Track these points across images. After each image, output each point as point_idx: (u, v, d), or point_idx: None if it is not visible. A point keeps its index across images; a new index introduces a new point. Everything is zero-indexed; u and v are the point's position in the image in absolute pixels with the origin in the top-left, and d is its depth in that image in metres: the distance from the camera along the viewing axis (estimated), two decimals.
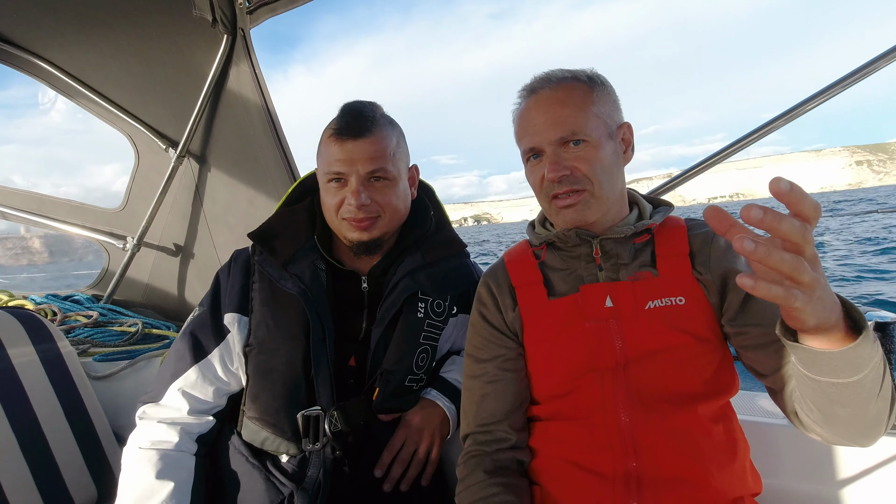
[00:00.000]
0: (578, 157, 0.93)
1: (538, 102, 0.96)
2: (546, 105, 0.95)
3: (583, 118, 0.93)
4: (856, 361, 0.65)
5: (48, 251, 3.13)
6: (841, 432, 0.77)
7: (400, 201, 1.16)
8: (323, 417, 1.11)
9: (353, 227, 1.13)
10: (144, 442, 1.09)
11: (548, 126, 0.94)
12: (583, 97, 0.95)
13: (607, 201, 0.96)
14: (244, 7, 1.81)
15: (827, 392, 0.70)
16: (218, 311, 1.19)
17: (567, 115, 0.93)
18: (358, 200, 1.09)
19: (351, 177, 1.10)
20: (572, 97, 0.94)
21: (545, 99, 0.96)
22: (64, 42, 2.01)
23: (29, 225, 2.41)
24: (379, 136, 1.11)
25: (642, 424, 0.90)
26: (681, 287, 0.93)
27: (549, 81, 0.97)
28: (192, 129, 2.05)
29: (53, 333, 1.47)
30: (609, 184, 0.95)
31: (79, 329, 2.00)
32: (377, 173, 1.11)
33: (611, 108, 0.97)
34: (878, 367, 0.68)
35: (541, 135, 0.95)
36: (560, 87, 0.96)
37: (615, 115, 0.98)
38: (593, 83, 0.97)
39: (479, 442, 1.01)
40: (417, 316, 1.19)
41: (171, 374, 1.15)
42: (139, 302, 2.45)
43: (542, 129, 0.94)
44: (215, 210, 2.23)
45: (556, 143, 0.94)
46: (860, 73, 1.37)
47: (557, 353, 0.97)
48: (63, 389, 1.43)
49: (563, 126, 0.92)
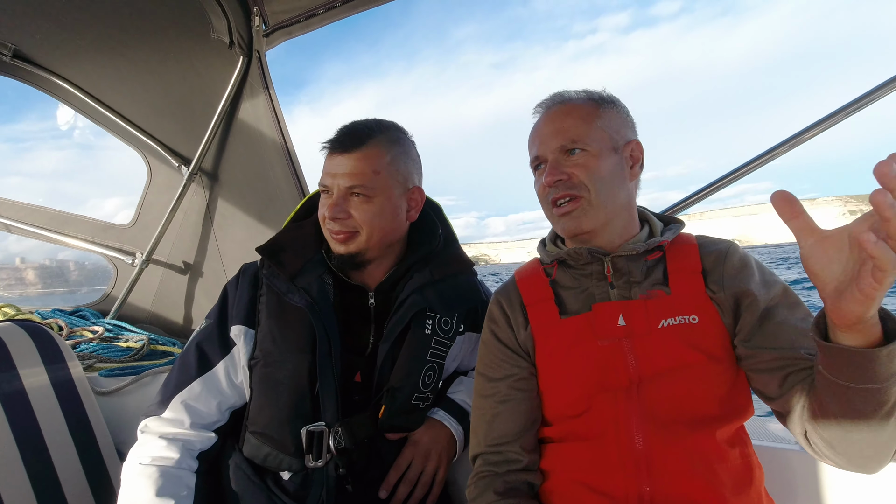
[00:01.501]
0: (576, 165, 0.96)
1: (547, 116, 1.01)
2: (552, 117, 1.00)
3: (584, 129, 0.96)
4: (887, 364, 0.65)
5: (48, 279, 3.14)
6: (853, 453, 0.76)
7: (384, 219, 1.14)
8: (327, 433, 1.10)
9: (332, 238, 1.15)
10: (145, 458, 1.07)
11: (550, 135, 0.98)
12: (588, 111, 0.98)
13: (605, 211, 0.96)
14: (261, 30, 1.86)
15: (852, 401, 0.70)
16: (225, 324, 1.18)
17: (569, 126, 0.97)
18: (331, 212, 1.12)
19: (333, 190, 1.13)
20: (577, 110, 0.98)
21: (553, 112, 1.01)
22: (84, 62, 2.07)
23: (39, 240, 2.43)
24: (367, 153, 1.11)
25: (657, 446, 0.88)
26: (694, 305, 0.92)
27: (560, 97, 1.02)
28: (205, 147, 2.09)
29: (61, 347, 1.47)
30: (607, 194, 0.96)
31: (85, 344, 1.99)
32: (356, 189, 1.11)
33: (619, 124, 1.00)
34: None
35: (544, 144, 0.99)
36: (568, 103, 1.01)
37: (623, 132, 1.00)
38: (603, 101, 1.01)
39: (489, 463, 0.99)
40: (425, 332, 1.18)
41: (174, 386, 1.14)
42: (145, 318, 2.45)
43: (545, 138, 0.99)
44: (225, 227, 2.25)
45: (556, 150, 0.97)
46: (842, 112, 1.40)
47: (569, 372, 0.96)
48: (68, 404, 1.42)
49: (564, 135, 0.96)
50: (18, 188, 41.26)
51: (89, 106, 2.19)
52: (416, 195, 1.22)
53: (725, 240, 1.01)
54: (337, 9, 1.77)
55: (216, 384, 1.15)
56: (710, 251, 0.98)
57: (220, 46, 1.85)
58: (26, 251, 2.92)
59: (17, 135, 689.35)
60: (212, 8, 1.72)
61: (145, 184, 2.35)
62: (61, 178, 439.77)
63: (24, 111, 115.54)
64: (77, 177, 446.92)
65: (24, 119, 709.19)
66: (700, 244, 1.00)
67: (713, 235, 1.04)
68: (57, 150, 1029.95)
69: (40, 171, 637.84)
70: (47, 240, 2.40)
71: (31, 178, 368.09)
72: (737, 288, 0.92)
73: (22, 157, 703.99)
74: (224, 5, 1.72)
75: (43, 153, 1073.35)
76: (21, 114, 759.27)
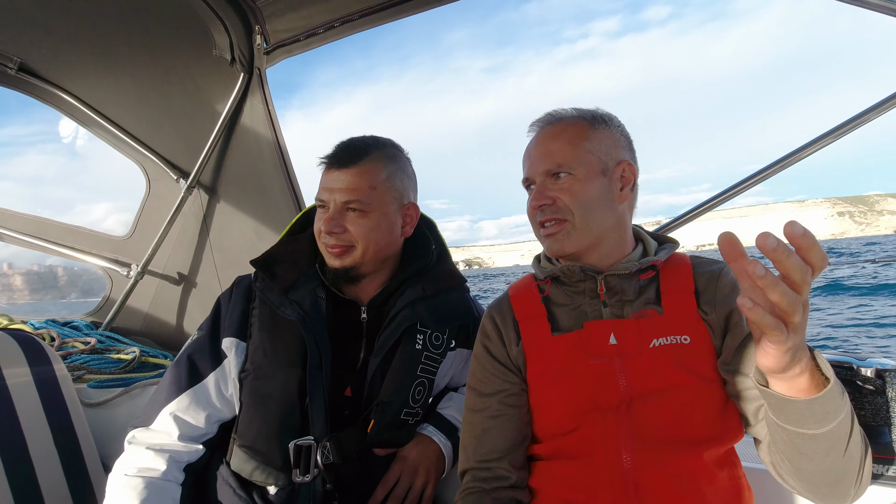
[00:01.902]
0: (562, 189, 0.97)
1: (537, 137, 1.03)
2: (541, 139, 1.02)
3: (570, 152, 0.97)
4: (821, 413, 0.68)
5: (36, 286, 3.11)
6: (810, 487, 0.79)
7: (380, 234, 1.16)
8: (315, 448, 1.09)
9: (328, 252, 1.16)
10: (131, 468, 1.07)
11: (539, 159, 1.00)
12: (576, 133, 0.99)
13: (590, 234, 0.97)
14: (262, 48, 1.90)
15: (795, 443, 0.73)
16: (216, 336, 1.18)
17: (556, 150, 0.98)
18: (327, 226, 1.13)
19: (329, 204, 1.14)
20: (565, 133, 0.99)
21: (543, 134, 1.02)
22: (88, 76, 2.11)
23: (34, 249, 2.43)
24: (363, 169, 1.13)
25: (645, 466, 0.88)
26: (686, 326, 0.93)
27: (551, 118, 1.04)
28: (203, 160, 2.11)
29: (51, 357, 1.46)
30: (592, 218, 0.97)
31: (76, 355, 1.98)
32: (352, 204, 1.13)
33: (609, 145, 1.00)
34: (845, 424, 0.70)
35: (533, 167, 1.01)
36: (558, 124, 1.02)
37: (615, 152, 1.00)
38: (594, 121, 1.01)
39: (478, 479, 0.98)
40: (415, 347, 1.18)
41: (164, 398, 1.14)
42: (138, 330, 2.44)
43: (534, 160, 1.01)
44: (222, 241, 2.26)
45: (543, 173, 0.99)
46: (843, 128, 1.43)
47: (560, 389, 0.96)
48: (55, 414, 1.41)
49: (551, 158, 0.98)
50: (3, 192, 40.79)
51: (91, 119, 2.21)
52: (411, 211, 1.23)
53: (719, 261, 1.02)
54: (336, 28, 1.80)
55: (206, 396, 1.14)
56: (703, 272, 0.98)
57: (221, 62, 1.88)
58: (12, 256, 2.91)
59: (3, 139, 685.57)
60: (214, 26, 1.76)
61: (143, 195, 2.37)
62: (47, 182, 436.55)
63: (11, 115, 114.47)
64: (64, 181, 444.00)
65: (11, 124, 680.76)
66: (694, 264, 1.00)
67: (706, 257, 1.04)
68: (44, 154, 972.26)
69: (26, 175, 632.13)
70: (43, 250, 2.41)
71: (17, 182, 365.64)
72: (726, 309, 0.93)
73: (8, 162, 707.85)
74: (226, 23, 1.76)
75: (30, 157, 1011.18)
76: (8, 118, 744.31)
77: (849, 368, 1.10)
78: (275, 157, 2.04)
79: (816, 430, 0.69)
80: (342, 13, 1.74)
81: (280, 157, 2.02)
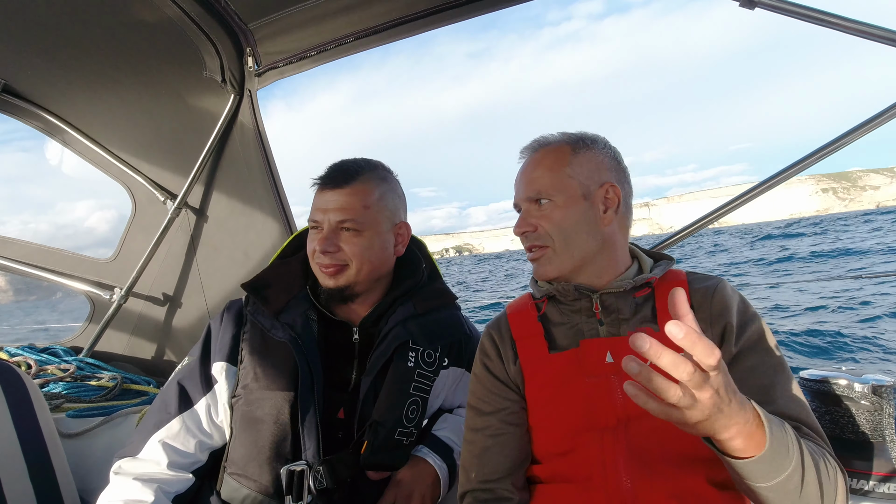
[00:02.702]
0: (543, 216, 1.00)
1: (524, 164, 1.07)
2: (527, 167, 1.06)
3: (549, 180, 1.00)
4: (768, 466, 0.71)
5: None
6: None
7: (373, 253, 1.17)
8: (308, 472, 1.06)
9: (322, 272, 1.16)
10: (116, 501, 1.03)
11: (523, 186, 1.04)
12: (556, 160, 1.02)
13: (571, 259, 1.00)
14: (253, 70, 1.90)
15: (757, 495, 0.75)
16: (207, 361, 1.17)
17: (537, 177, 1.02)
18: (322, 246, 1.14)
19: (324, 224, 1.15)
20: (546, 160, 1.03)
21: (528, 161, 1.07)
22: (75, 98, 2.08)
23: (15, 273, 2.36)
24: (356, 189, 1.16)
25: (646, 488, 0.86)
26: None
27: (536, 144, 1.08)
28: (192, 182, 2.09)
29: (28, 386, 1.40)
30: (573, 242, 0.99)
31: (53, 383, 1.91)
32: (346, 223, 1.14)
33: (592, 168, 1.01)
34: (795, 477, 0.72)
35: (518, 194, 1.06)
36: (541, 150, 1.05)
37: (598, 175, 1.02)
38: (577, 146, 1.03)
39: (479, 501, 0.97)
40: (408, 365, 1.17)
41: (153, 425, 1.11)
42: (121, 356, 2.37)
43: (519, 187, 1.06)
44: (210, 263, 2.22)
45: (526, 201, 1.03)
46: (869, 124, 1.39)
47: (557, 407, 0.95)
48: (30, 446, 1.35)
49: (531, 187, 1.02)
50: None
51: (78, 141, 2.18)
52: (402, 230, 1.25)
53: (715, 276, 1.03)
54: (327, 52, 1.82)
55: (197, 423, 1.12)
56: (698, 287, 0.99)
57: (211, 83, 1.88)
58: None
59: None
60: (205, 47, 1.76)
61: (129, 217, 2.32)
62: (26, 180, 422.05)
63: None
64: (43, 179, 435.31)
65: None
66: (689, 280, 1.02)
67: (701, 272, 1.05)
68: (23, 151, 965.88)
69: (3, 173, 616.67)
70: (24, 274, 2.34)
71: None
72: (721, 324, 0.94)
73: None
74: (217, 45, 1.77)
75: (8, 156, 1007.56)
76: None
77: (845, 385, 1.11)
78: (265, 178, 2.02)
79: (767, 484, 0.72)
80: (334, 36, 1.76)
81: (270, 179, 2.01)
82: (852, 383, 1.10)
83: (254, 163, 2.03)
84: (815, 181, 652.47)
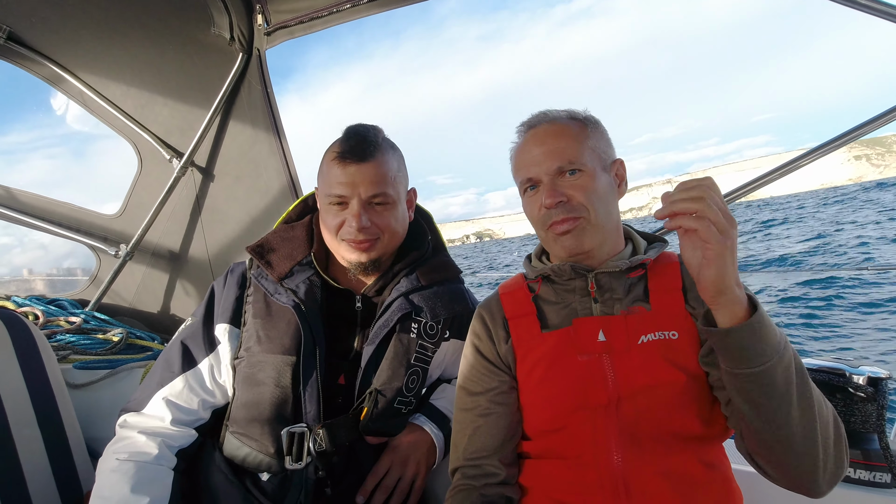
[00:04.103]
0: (574, 186, 0.96)
1: (535, 136, 1.00)
2: (543, 137, 0.99)
3: (578, 149, 0.96)
4: (758, 340, 0.75)
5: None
6: (778, 462, 0.82)
7: (398, 224, 1.18)
8: (308, 435, 1.09)
9: (353, 248, 1.14)
10: (122, 453, 1.05)
11: (545, 157, 0.97)
12: (578, 131, 0.99)
13: (603, 230, 0.97)
14: (262, 28, 1.86)
15: (748, 392, 0.78)
16: (210, 322, 1.17)
17: (564, 147, 0.96)
18: (359, 223, 1.10)
19: (352, 200, 1.12)
20: (569, 131, 0.98)
21: (542, 132, 1.00)
22: (80, 49, 2.04)
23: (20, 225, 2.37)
24: (381, 161, 1.13)
25: (635, 465, 0.88)
26: (674, 321, 0.93)
27: (546, 117, 1.02)
28: (198, 141, 2.07)
29: (35, 337, 1.43)
30: (605, 213, 0.97)
31: (61, 335, 1.95)
32: (378, 197, 1.12)
33: (605, 145, 1.01)
34: (788, 369, 0.76)
35: (538, 165, 0.97)
36: (556, 123, 1.00)
37: (609, 152, 1.02)
38: (587, 122, 1.01)
39: (467, 476, 0.99)
40: (410, 336, 1.18)
41: (157, 383, 1.13)
42: (126, 311, 2.40)
43: (539, 160, 0.97)
44: (214, 223, 2.22)
45: (553, 172, 0.96)
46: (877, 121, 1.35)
47: (549, 386, 0.96)
48: (39, 395, 1.38)
49: (561, 156, 0.96)
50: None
51: (83, 93, 2.15)
52: (412, 196, 1.26)
53: None
54: (340, 13, 1.77)
55: (199, 382, 1.14)
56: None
57: (220, 41, 1.84)
58: (32, 262, 2.84)
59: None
60: (214, 4, 1.72)
61: (135, 174, 2.31)
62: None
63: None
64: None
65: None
66: (682, 262, 1.01)
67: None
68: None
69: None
70: (28, 225, 2.35)
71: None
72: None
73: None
74: (226, 2, 1.72)
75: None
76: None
77: (841, 375, 1.12)
78: (272, 139, 2.00)
79: (758, 368, 0.75)
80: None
81: (277, 140, 1.99)
82: (849, 374, 1.11)
83: (261, 124, 2.00)
84: (848, 148, 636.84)
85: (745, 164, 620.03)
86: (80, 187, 4.60)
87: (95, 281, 2.44)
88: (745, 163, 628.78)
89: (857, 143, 76.12)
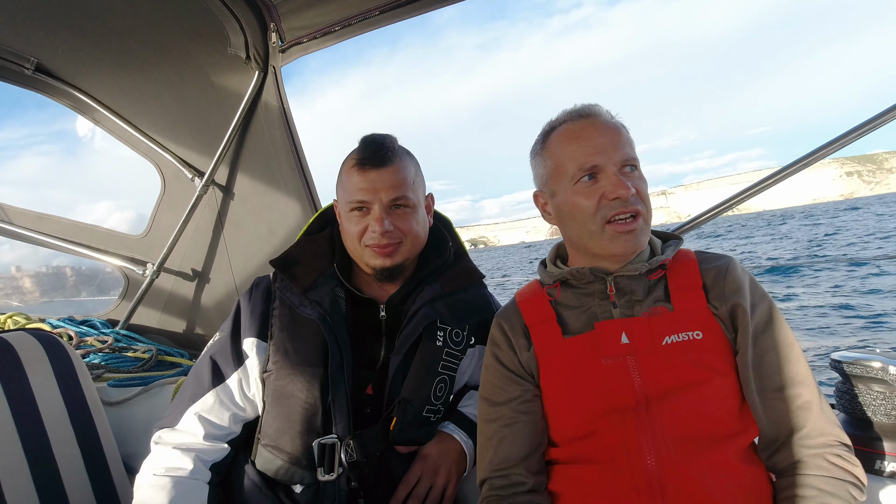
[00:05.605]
0: (638, 181, 0.95)
1: (595, 124, 0.96)
2: (606, 128, 0.96)
3: (632, 147, 0.97)
4: None
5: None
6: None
7: (420, 227, 1.19)
8: (339, 446, 1.09)
9: (377, 253, 1.15)
10: (159, 468, 1.08)
11: (612, 147, 0.94)
12: (626, 130, 0.99)
13: (649, 231, 0.98)
14: (277, 46, 1.89)
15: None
16: (238, 337, 1.19)
17: (625, 142, 0.96)
18: (382, 227, 1.12)
19: (374, 205, 1.13)
20: (623, 129, 0.98)
21: (604, 123, 0.97)
22: (104, 76, 2.11)
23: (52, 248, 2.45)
24: (400, 166, 1.15)
25: (669, 467, 0.87)
26: (697, 321, 0.92)
27: (600, 111, 0.99)
28: (218, 159, 2.11)
29: (72, 357, 1.47)
30: (650, 213, 0.97)
31: (93, 354, 2.00)
32: (399, 201, 1.14)
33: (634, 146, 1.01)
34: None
35: (605, 154, 0.93)
36: (613, 120, 0.99)
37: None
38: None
39: (495, 487, 0.98)
40: (436, 344, 1.18)
41: (188, 398, 1.15)
42: (154, 328, 2.45)
43: (604, 148, 0.94)
44: (236, 239, 2.26)
45: (619, 163, 0.94)
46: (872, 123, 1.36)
47: (575, 391, 0.95)
48: (77, 414, 1.41)
49: (627, 149, 0.95)
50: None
51: (108, 119, 2.22)
52: (430, 201, 1.27)
53: (724, 254, 1.01)
54: (353, 26, 1.79)
55: (229, 396, 1.15)
56: (709, 267, 0.98)
57: (236, 60, 1.88)
58: (20, 259, 2.93)
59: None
60: (229, 24, 1.75)
61: (159, 195, 2.37)
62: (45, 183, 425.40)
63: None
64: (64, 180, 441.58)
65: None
66: (699, 260, 1.00)
67: (712, 251, 1.04)
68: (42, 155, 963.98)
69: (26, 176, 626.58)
70: (60, 249, 2.42)
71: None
72: (733, 303, 0.93)
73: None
74: (241, 21, 1.76)
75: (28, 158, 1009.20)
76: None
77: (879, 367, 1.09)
78: (290, 155, 2.03)
79: None
80: (360, 9, 1.72)
81: (295, 155, 2.02)
82: (886, 366, 1.08)
83: (278, 140, 2.04)
84: (839, 164, 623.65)
85: (738, 178, 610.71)
86: (107, 208, 4.75)
87: (124, 301, 2.51)
88: (738, 176, 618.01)
89: (848, 159, 73.95)
